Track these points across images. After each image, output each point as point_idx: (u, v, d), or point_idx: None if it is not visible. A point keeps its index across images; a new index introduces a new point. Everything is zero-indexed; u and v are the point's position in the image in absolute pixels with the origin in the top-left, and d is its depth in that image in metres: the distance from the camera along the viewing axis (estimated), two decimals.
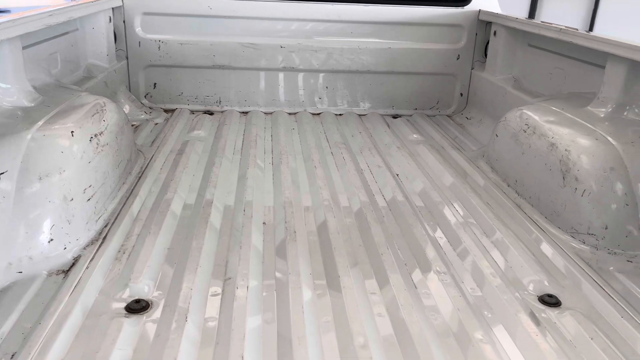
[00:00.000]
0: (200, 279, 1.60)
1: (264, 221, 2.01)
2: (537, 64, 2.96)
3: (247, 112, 3.47)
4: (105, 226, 1.88)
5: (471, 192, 2.30)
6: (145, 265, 1.64)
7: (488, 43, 3.42)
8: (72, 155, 1.81)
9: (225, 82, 3.49)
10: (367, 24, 3.43)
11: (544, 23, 2.73)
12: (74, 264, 1.65)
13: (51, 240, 1.67)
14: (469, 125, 3.37)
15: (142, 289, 1.55)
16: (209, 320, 1.43)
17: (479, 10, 3.42)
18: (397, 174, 2.52)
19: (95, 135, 1.98)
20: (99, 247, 1.74)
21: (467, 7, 3.44)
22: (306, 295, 1.56)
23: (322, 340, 1.36)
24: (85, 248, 1.74)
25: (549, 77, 2.83)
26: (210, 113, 3.44)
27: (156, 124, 3.18)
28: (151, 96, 3.49)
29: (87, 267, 1.62)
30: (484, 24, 3.44)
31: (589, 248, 1.87)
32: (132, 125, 3.06)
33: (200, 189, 2.25)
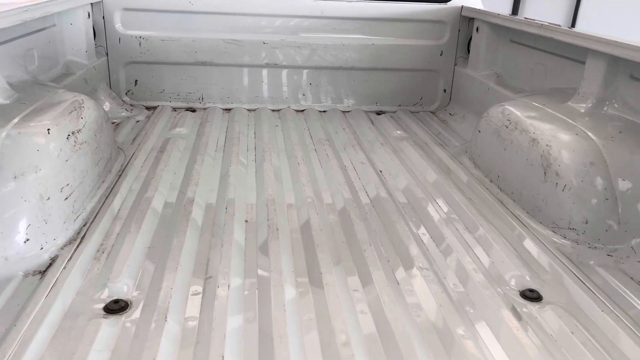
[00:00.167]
0: (180, 278, 1.58)
1: (246, 219, 1.99)
2: (519, 59, 2.97)
3: (230, 109, 3.44)
4: (84, 225, 1.85)
5: (454, 188, 2.31)
6: (124, 265, 1.62)
7: (471, 39, 3.43)
8: (48, 153, 1.78)
9: (208, 78, 3.46)
10: (351, 20, 3.41)
11: (525, 19, 2.74)
12: (51, 265, 1.61)
13: (27, 240, 1.64)
14: (452, 121, 3.38)
15: (121, 289, 1.52)
16: (189, 319, 1.41)
17: (462, 7, 3.43)
18: (380, 171, 2.52)
19: (72, 132, 1.95)
20: (77, 246, 1.71)
21: (450, 4, 3.44)
22: (288, 293, 1.54)
23: (304, 338, 1.35)
24: (62, 248, 1.70)
25: (530, 72, 2.84)
26: (193, 110, 3.41)
27: (137, 121, 3.14)
28: (132, 93, 3.44)
29: (64, 268, 1.59)
30: (466, 20, 3.45)
31: (570, 243, 1.88)
32: (113, 123, 3.02)
33: (182, 186, 2.22)
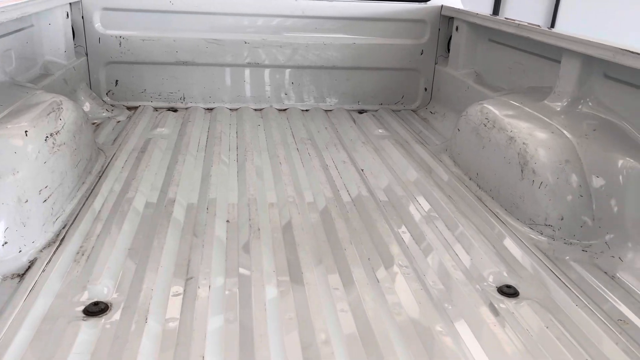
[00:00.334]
0: (161, 279, 1.58)
1: (228, 219, 1.99)
2: (497, 58, 3.01)
3: (212, 109, 3.44)
4: (64, 227, 1.84)
5: (434, 186, 2.34)
6: (104, 267, 1.61)
7: (450, 38, 3.46)
8: (26, 155, 1.76)
9: (189, 78, 3.45)
10: (332, 19, 3.43)
11: (502, 19, 2.78)
12: (29, 267, 1.60)
13: (5, 243, 1.62)
14: (433, 120, 3.41)
15: (101, 291, 1.52)
16: (169, 320, 1.41)
17: (442, 6, 3.46)
18: (362, 169, 2.54)
19: (51, 134, 1.93)
20: (57, 249, 1.70)
21: (430, 3, 3.47)
22: (269, 292, 1.55)
23: (284, 337, 1.36)
24: (41, 251, 1.69)
25: (509, 71, 2.88)
26: (174, 110, 3.39)
27: (118, 121, 3.12)
28: (113, 93, 3.42)
29: (43, 270, 1.58)
30: (446, 20, 3.48)
31: (546, 239, 1.92)
32: (93, 124, 3.00)
33: (163, 187, 2.22)
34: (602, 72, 2.13)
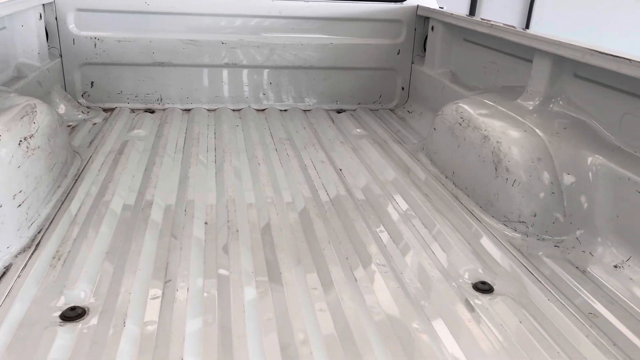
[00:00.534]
0: (139, 282, 1.58)
1: (206, 220, 1.99)
2: (472, 58, 3.06)
3: (189, 110, 3.42)
4: (39, 232, 1.82)
5: (412, 186, 2.37)
6: (81, 271, 1.60)
7: (426, 38, 3.50)
8: None
9: (166, 79, 3.43)
10: (309, 20, 3.44)
11: (477, 19, 2.82)
12: (4, 273, 1.58)
13: None
14: (410, 119, 3.45)
15: (78, 296, 1.51)
16: (148, 324, 1.41)
17: (417, 6, 3.50)
18: (340, 169, 2.56)
19: (25, 138, 1.91)
20: (32, 254, 1.68)
21: (406, 3, 3.51)
22: (248, 293, 1.56)
23: (263, 338, 1.37)
24: (16, 256, 1.67)
25: (483, 71, 2.93)
26: (152, 111, 3.37)
27: (94, 124, 3.09)
28: (89, 95, 3.38)
29: (19, 276, 1.56)
30: (422, 20, 3.52)
31: (520, 235, 1.96)
32: (69, 126, 2.96)
33: (141, 189, 2.21)
34: (572, 71, 2.18)
